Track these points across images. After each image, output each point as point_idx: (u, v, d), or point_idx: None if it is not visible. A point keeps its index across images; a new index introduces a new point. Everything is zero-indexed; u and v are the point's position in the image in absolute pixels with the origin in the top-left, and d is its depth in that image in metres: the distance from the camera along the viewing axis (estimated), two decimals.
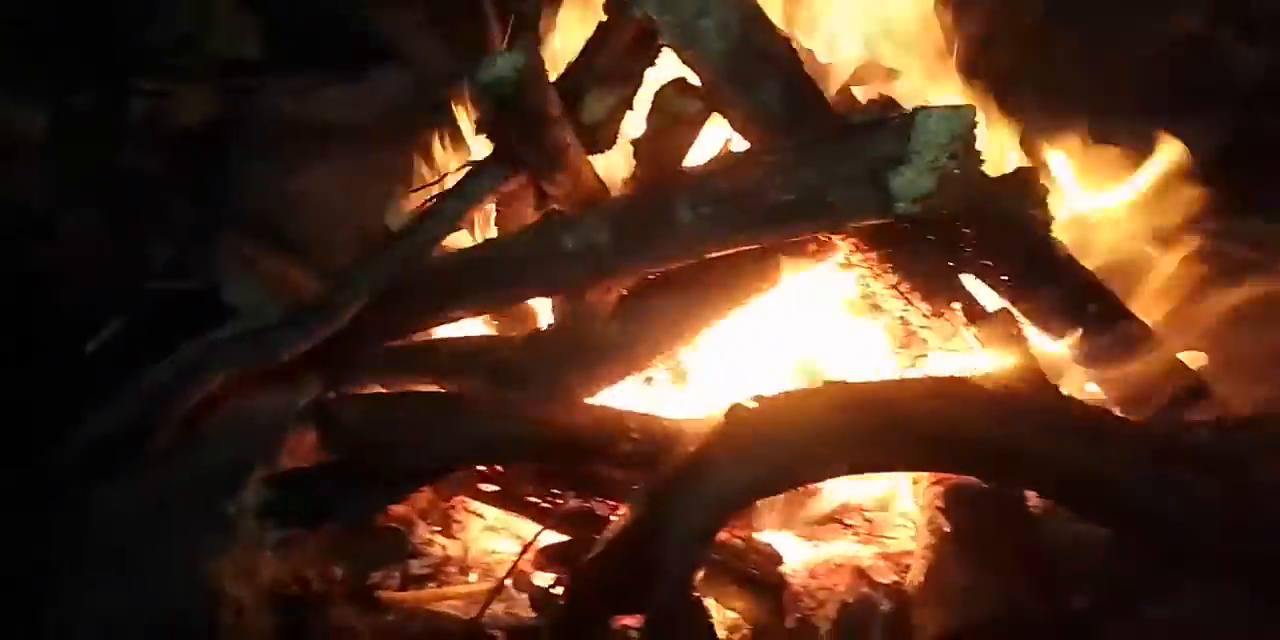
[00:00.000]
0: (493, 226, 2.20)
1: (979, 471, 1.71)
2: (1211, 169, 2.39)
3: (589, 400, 1.93)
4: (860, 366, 2.10)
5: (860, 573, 1.91)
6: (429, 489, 2.10)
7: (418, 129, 2.47)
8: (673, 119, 1.82)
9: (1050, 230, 2.08)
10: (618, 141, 1.99)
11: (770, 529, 1.98)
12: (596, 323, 1.91)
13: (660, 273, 1.83)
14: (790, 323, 2.14)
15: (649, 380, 2.10)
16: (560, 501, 1.95)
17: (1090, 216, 2.36)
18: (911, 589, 1.80)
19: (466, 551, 2.08)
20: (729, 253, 1.76)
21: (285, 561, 1.76)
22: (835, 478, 1.81)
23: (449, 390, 1.97)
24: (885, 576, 1.89)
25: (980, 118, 1.44)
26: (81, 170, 2.59)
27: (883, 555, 1.96)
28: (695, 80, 1.79)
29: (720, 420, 1.59)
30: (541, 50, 1.77)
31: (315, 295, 1.96)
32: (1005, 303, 1.97)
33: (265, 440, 1.82)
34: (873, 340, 2.10)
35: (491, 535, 2.14)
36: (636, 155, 1.91)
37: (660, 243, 1.65)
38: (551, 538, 1.93)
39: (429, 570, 2.02)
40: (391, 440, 1.65)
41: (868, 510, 2.09)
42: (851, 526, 2.05)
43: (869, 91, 2.22)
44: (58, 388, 2.03)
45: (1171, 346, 2.03)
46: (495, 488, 2.02)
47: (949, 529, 1.77)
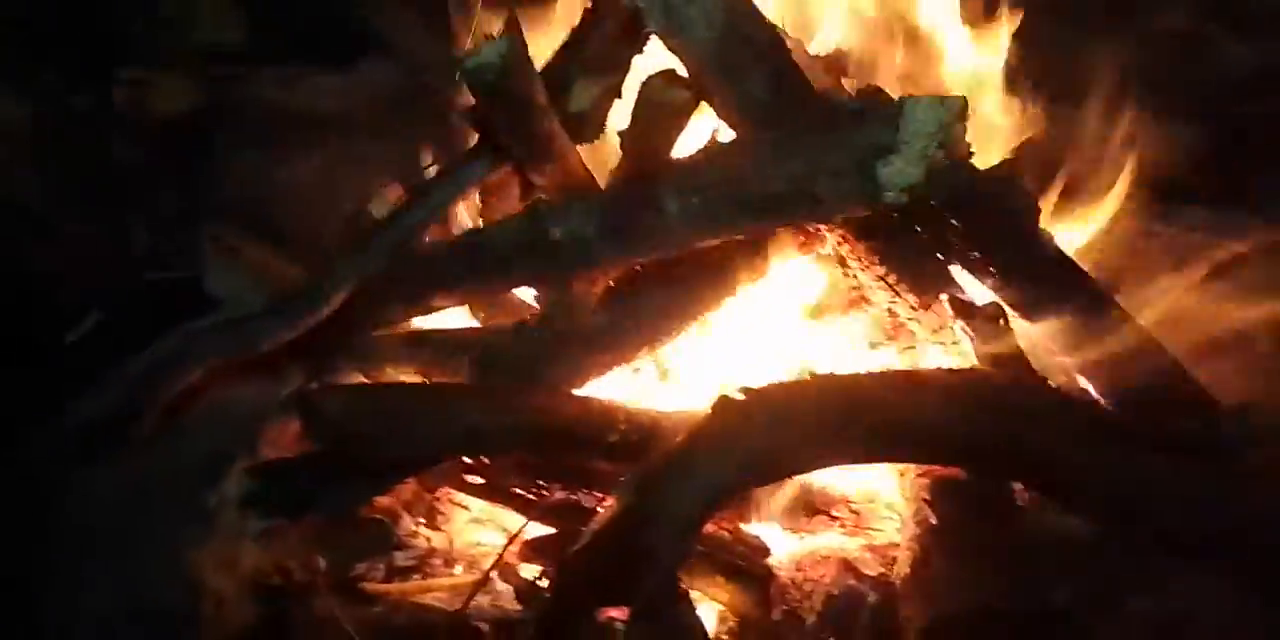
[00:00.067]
0: (479, 216, 2.19)
1: (965, 464, 1.71)
2: (1202, 164, 2.40)
3: (576, 391, 1.92)
4: (848, 358, 2.10)
5: (847, 565, 1.90)
6: (414, 480, 2.10)
7: (404, 119, 2.46)
8: (660, 109, 1.81)
9: (1039, 222, 2.08)
10: (605, 132, 1.99)
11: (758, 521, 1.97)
12: (583, 313, 1.90)
13: (647, 263, 1.82)
14: (778, 314, 2.13)
15: (636, 371, 2.09)
16: (546, 493, 1.95)
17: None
18: (898, 581, 1.80)
19: (451, 543, 2.08)
20: (717, 243, 1.75)
21: (267, 552, 1.75)
22: (822, 469, 1.80)
23: (434, 381, 1.96)
24: (872, 569, 1.89)
25: (968, 107, 1.43)
26: (64, 160, 2.57)
27: (869, 547, 1.95)
28: (683, 71, 1.78)
29: (707, 411, 1.58)
30: (528, 38, 1.75)
31: (299, 285, 1.95)
32: (993, 295, 1.97)
33: (248, 430, 1.81)
34: (860, 332, 2.10)
35: (477, 527, 2.13)
36: (624, 145, 1.90)
37: (647, 233, 1.65)
38: (537, 530, 1.92)
39: (414, 562, 2.02)
40: (375, 431, 1.64)
41: (854, 502, 2.08)
42: (838, 518, 2.05)
43: (856, 82, 2.21)
44: (39, 378, 2.01)
45: (1153, 334, 2.03)
46: (481, 479, 2.01)
47: (935, 521, 1.77)
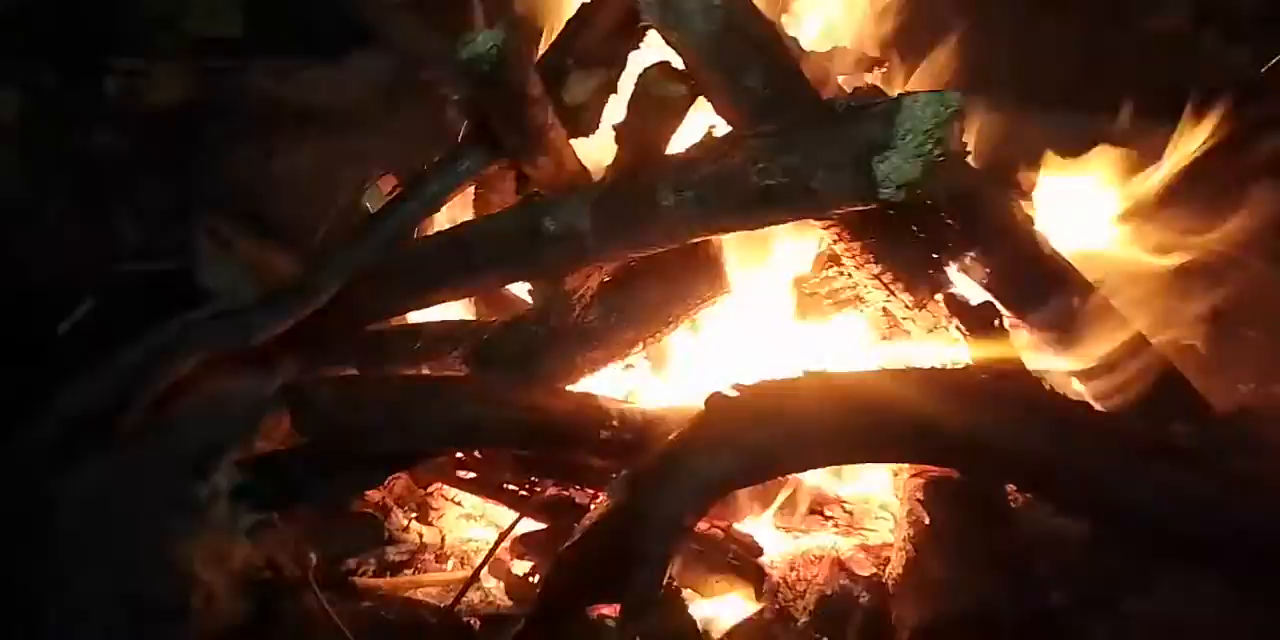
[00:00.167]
0: (473, 209, 2.18)
1: (959, 464, 1.71)
2: (1196, 167, 2.39)
3: (569, 386, 1.91)
4: (842, 357, 2.09)
5: (840, 565, 1.90)
6: (406, 475, 2.09)
7: (399, 112, 2.46)
8: (656, 103, 1.80)
9: (1034, 223, 2.08)
10: (601, 127, 1.98)
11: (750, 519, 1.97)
12: (577, 308, 1.89)
13: (642, 258, 1.81)
14: (772, 311, 2.12)
15: (629, 367, 2.08)
16: (538, 489, 1.94)
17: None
18: (890, 581, 1.80)
19: (443, 539, 2.07)
20: (712, 238, 1.75)
21: (258, 546, 1.74)
22: (814, 468, 1.80)
23: (427, 374, 1.95)
24: (865, 569, 1.89)
25: (965, 104, 1.42)
26: (55, 152, 2.56)
27: (862, 547, 1.95)
28: (680, 64, 1.77)
29: (700, 409, 1.58)
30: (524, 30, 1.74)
31: (292, 277, 1.94)
32: (988, 294, 1.97)
33: (239, 423, 1.80)
34: (855, 330, 2.09)
35: (468, 523, 2.13)
36: (620, 139, 1.89)
37: (642, 227, 1.63)
38: (529, 525, 1.92)
39: (405, 557, 2.02)
40: (365, 423, 1.63)
41: (848, 502, 2.08)
42: (831, 518, 2.05)
43: (854, 80, 2.21)
44: (30, 370, 2.00)
45: (1141, 332, 2.03)
46: (473, 475, 2.01)
47: (928, 522, 1.76)
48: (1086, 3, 2.98)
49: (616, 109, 1.93)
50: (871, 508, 2.07)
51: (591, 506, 1.66)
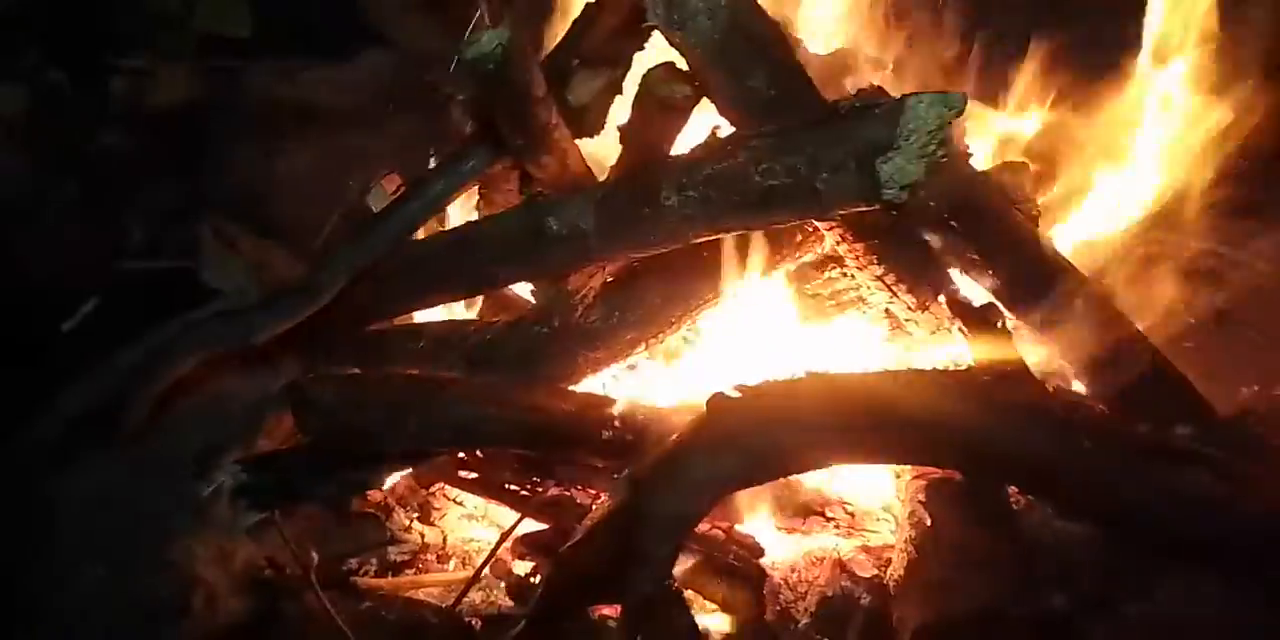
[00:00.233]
0: (477, 209, 2.18)
1: (961, 466, 1.71)
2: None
3: (571, 387, 1.91)
4: (843, 358, 2.09)
5: (841, 566, 1.90)
6: (408, 475, 2.09)
7: (403, 111, 2.46)
8: (660, 103, 1.80)
9: (1038, 224, 2.07)
10: (605, 128, 1.98)
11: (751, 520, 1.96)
12: (580, 308, 1.89)
13: (645, 258, 1.81)
14: (774, 312, 2.12)
15: (632, 367, 2.08)
16: (540, 489, 1.94)
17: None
18: (892, 583, 1.80)
19: (445, 539, 2.07)
20: (715, 238, 1.74)
21: (259, 545, 1.74)
22: (816, 469, 1.80)
23: (429, 374, 1.95)
24: (866, 570, 1.88)
25: (969, 106, 1.43)
26: (59, 151, 2.55)
27: (864, 549, 1.95)
28: (684, 65, 1.77)
29: (702, 409, 1.58)
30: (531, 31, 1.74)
31: (295, 277, 1.94)
32: (990, 296, 1.96)
33: (241, 422, 1.80)
34: (857, 332, 2.09)
35: (470, 523, 2.13)
36: (624, 139, 1.89)
37: (646, 227, 1.63)
38: (531, 526, 1.92)
39: (407, 557, 2.01)
40: (367, 422, 1.63)
41: (849, 504, 2.08)
42: (833, 519, 2.04)
43: (857, 80, 2.21)
44: (33, 370, 2.00)
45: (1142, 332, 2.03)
46: (475, 475, 2.00)
47: (930, 524, 1.76)
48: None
49: (621, 109, 1.93)
50: (873, 509, 2.07)
51: (593, 507, 1.66)
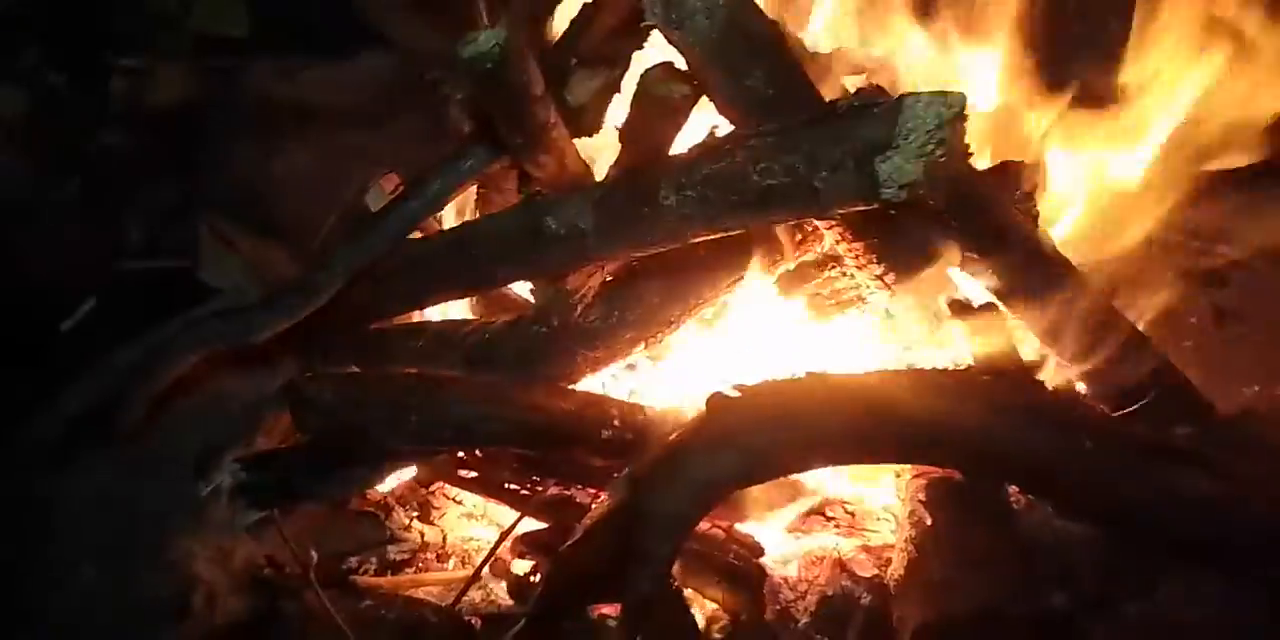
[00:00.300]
0: (475, 208, 2.18)
1: (960, 465, 1.71)
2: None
3: (570, 386, 1.91)
4: (842, 358, 2.09)
5: (841, 565, 1.90)
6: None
7: (401, 111, 2.46)
8: (659, 103, 1.80)
9: (1037, 224, 2.07)
10: (604, 127, 1.98)
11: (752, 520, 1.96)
12: (579, 307, 1.89)
13: (644, 257, 1.81)
14: (774, 311, 2.12)
15: (631, 367, 2.08)
16: (540, 488, 1.94)
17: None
18: (892, 583, 1.80)
19: (444, 538, 2.07)
20: (714, 237, 1.74)
21: (259, 544, 1.74)
22: (815, 469, 1.80)
23: (429, 373, 1.95)
24: (866, 570, 1.89)
25: (969, 104, 1.42)
26: (57, 150, 2.55)
27: (864, 548, 1.95)
28: (683, 64, 1.77)
29: (701, 409, 1.58)
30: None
31: (294, 276, 1.94)
32: (990, 296, 1.96)
33: (240, 422, 1.80)
34: (855, 331, 2.09)
35: (470, 522, 2.13)
36: (622, 139, 1.89)
37: (644, 226, 1.63)
38: (530, 525, 1.92)
39: (406, 556, 2.02)
40: (365, 421, 1.63)
41: (849, 503, 2.08)
42: (833, 519, 2.04)
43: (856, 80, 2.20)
44: (32, 369, 2.00)
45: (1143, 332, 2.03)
46: (474, 474, 2.01)
47: (930, 523, 1.76)
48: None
49: (619, 109, 1.93)
50: (873, 509, 2.07)
51: (593, 506, 1.66)
